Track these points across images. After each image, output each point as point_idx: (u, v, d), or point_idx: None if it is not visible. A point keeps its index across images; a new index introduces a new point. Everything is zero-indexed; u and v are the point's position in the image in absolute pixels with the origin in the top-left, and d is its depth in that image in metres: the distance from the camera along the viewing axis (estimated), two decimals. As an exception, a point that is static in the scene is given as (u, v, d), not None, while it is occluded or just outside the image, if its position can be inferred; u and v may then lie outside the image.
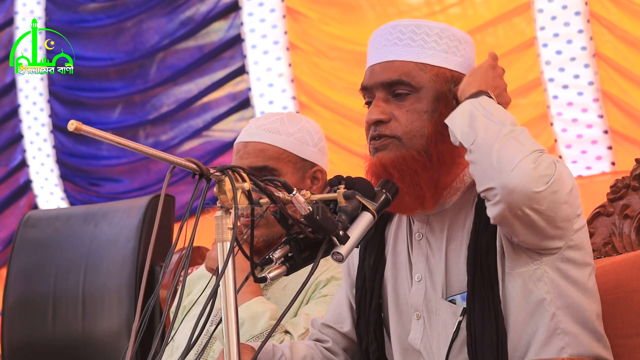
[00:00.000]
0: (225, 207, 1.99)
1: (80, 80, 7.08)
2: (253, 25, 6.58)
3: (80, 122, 1.79)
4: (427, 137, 2.30)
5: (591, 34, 5.62)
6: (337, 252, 2.10)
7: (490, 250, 2.25)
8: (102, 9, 7.07)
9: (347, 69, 6.21)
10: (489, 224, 2.23)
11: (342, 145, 6.15)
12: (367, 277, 2.46)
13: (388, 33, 2.37)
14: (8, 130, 7.34)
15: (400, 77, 2.31)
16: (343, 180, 2.16)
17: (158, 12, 6.87)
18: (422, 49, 2.33)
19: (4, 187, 7.33)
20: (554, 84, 5.72)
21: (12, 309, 3.96)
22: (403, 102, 2.32)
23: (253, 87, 6.58)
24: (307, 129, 2.93)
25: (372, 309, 2.44)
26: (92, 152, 7.13)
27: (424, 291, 2.36)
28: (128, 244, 3.69)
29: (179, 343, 2.97)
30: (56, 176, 7.20)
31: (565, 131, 5.70)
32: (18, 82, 7.27)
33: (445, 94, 2.32)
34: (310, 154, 2.91)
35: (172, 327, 2.09)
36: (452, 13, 6.01)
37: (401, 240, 2.45)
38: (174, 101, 6.85)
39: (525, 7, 5.79)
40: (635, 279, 2.39)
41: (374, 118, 2.32)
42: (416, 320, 2.38)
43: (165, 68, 6.88)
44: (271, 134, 2.89)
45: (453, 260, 2.33)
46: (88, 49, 7.08)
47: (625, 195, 2.62)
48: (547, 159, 2.12)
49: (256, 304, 2.77)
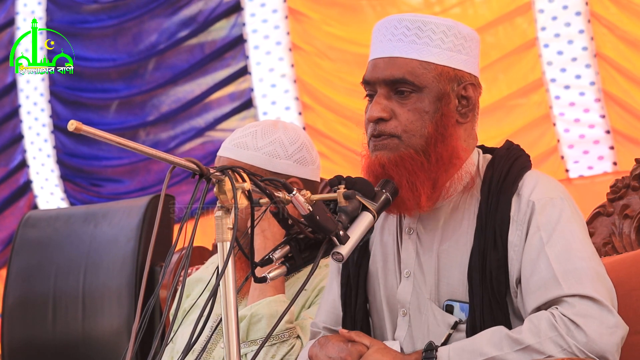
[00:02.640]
0: (225, 207, 1.99)
1: (81, 80, 7.08)
2: (255, 25, 6.57)
3: (81, 122, 1.79)
4: (426, 138, 2.28)
5: (592, 34, 5.62)
6: (337, 252, 2.10)
7: (500, 270, 2.23)
8: (104, 9, 7.06)
9: (348, 70, 6.20)
10: (495, 240, 2.23)
11: (344, 146, 6.14)
12: (351, 274, 2.44)
13: (393, 27, 2.34)
14: (8, 130, 7.33)
15: (404, 75, 2.30)
16: (343, 180, 2.16)
17: (160, 13, 6.87)
18: (427, 47, 2.31)
19: (4, 187, 7.33)
20: (555, 85, 5.71)
21: (12, 309, 3.95)
22: (405, 101, 2.30)
23: (255, 88, 6.57)
24: (280, 141, 2.89)
25: (357, 307, 2.42)
26: (93, 153, 7.12)
27: (412, 288, 2.35)
28: (128, 244, 3.69)
29: (179, 347, 2.96)
30: (56, 176, 7.20)
31: (567, 131, 5.70)
32: (19, 82, 7.26)
33: (448, 93, 2.31)
34: (282, 167, 2.87)
35: (171, 327, 2.09)
36: (452, 13, 6.00)
37: (388, 232, 2.43)
38: (176, 101, 6.85)
39: (526, 7, 5.79)
40: (634, 277, 2.39)
41: (376, 116, 2.30)
42: (402, 316, 2.36)
43: (166, 69, 6.87)
44: (239, 150, 2.87)
45: (445, 262, 2.31)
46: (89, 49, 7.07)
47: (625, 195, 2.61)
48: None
49: (278, 303, 2.77)
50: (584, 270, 2.17)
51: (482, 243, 2.25)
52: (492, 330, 2.18)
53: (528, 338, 2.12)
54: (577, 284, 2.16)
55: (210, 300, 1.96)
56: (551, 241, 2.21)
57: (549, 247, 2.20)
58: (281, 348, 2.72)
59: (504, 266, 2.24)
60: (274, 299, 2.77)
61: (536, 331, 2.13)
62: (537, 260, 2.20)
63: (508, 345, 2.13)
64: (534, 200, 2.25)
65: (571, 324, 2.11)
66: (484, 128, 5.56)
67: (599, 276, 2.18)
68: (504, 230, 2.25)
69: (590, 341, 2.10)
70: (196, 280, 3.06)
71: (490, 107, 5.73)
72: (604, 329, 2.12)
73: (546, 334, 2.12)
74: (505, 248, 2.24)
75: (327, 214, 2.09)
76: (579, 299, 2.14)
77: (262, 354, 2.72)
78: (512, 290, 2.24)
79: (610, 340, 2.11)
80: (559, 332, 2.11)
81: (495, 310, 2.23)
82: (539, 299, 2.18)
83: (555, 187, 2.30)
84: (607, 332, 2.12)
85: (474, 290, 2.25)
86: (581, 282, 2.16)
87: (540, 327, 2.12)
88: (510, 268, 2.24)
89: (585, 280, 2.16)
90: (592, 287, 2.15)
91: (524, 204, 2.26)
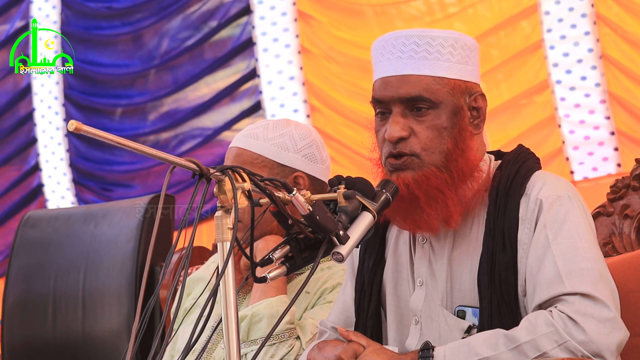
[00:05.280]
0: (225, 207, 1.98)
1: (95, 85, 7.11)
2: (264, 28, 6.59)
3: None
4: (446, 154, 2.27)
5: (597, 35, 5.62)
6: (337, 252, 2.10)
7: (509, 271, 2.23)
8: (117, 16, 7.09)
9: (355, 74, 6.21)
10: (504, 242, 2.23)
11: (351, 149, 6.15)
12: (365, 281, 2.44)
13: (402, 44, 2.32)
14: (23, 134, 7.36)
15: (420, 93, 2.28)
16: (343, 180, 2.16)
17: (172, 19, 6.89)
18: (438, 62, 2.30)
19: (17, 190, 7.36)
20: (561, 86, 5.72)
21: (12, 309, 3.95)
22: (423, 118, 2.28)
23: (264, 91, 6.59)
24: (290, 135, 2.90)
25: (369, 314, 2.42)
26: (105, 157, 7.14)
27: (424, 296, 2.35)
28: (128, 244, 3.69)
29: (180, 346, 2.96)
30: (68, 180, 7.22)
31: (572, 133, 5.70)
32: (33, 86, 7.29)
33: (462, 107, 2.30)
34: (290, 160, 2.88)
35: (172, 327, 2.08)
36: (457, 17, 6.00)
37: (403, 242, 2.43)
38: (187, 106, 6.87)
39: (532, 9, 5.79)
40: (633, 279, 2.38)
41: (397, 135, 2.28)
42: (414, 325, 2.36)
43: (178, 73, 6.90)
44: (248, 139, 2.89)
45: (457, 269, 2.31)
46: (104, 55, 7.11)
47: (625, 195, 2.61)
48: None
49: (279, 304, 2.77)
50: (588, 271, 2.16)
51: (490, 246, 2.25)
52: (490, 332, 2.17)
53: (523, 336, 2.11)
54: (580, 282, 2.15)
55: (210, 300, 1.96)
56: (557, 239, 2.20)
57: (555, 245, 2.20)
58: (280, 348, 2.72)
59: (513, 267, 2.23)
60: (275, 300, 2.77)
61: (532, 329, 2.12)
62: (542, 258, 2.20)
63: (503, 344, 2.12)
64: (541, 198, 2.25)
65: (569, 321, 2.10)
66: (490, 131, 5.56)
67: (602, 277, 2.17)
68: (513, 231, 2.25)
69: (588, 340, 2.09)
70: (197, 280, 3.06)
71: (496, 110, 5.74)
72: (603, 328, 2.10)
73: (542, 331, 2.11)
74: (515, 249, 2.24)
75: (327, 214, 2.08)
76: (580, 297, 2.14)
77: (262, 354, 2.72)
78: (520, 289, 2.24)
79: (608, 340, 2.10)
80: (555, 328, 2.10)
81: (504, 313, 2.23)
82: (541, 296, 2.17)
83: (563, 185, 2.30)
84: (606, 332, 2.10)
85: (482, 293, 2.25)
86: (584, 281, 2.15)
87: (537, 324, 2.12)
88: (519, 267, 2.24)
89: (588, 279, 2.15)
90: (594, 287, 2.14)
91: (532, 202, 2.26)
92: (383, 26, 5.98)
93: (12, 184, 7.34)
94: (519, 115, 5.85)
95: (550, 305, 2.16)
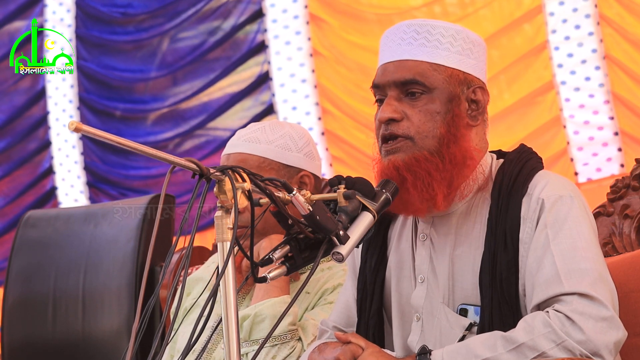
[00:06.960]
0: (225, 207, 1.98)
1: (110, 90, 7.12)
2: (277, 31, 6.60)
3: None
4: (439, 138, 2.28)
5: (601, 36, 5.62)
6: (337, 252, 2.10)
7: (510, 270, 2.23)
8: (132, 22, 7.10)
9: (365, 78, 6.21)
10: (506, 241, 2.23)
11: (362, 151, 6.15)
12: (367, 280, 2.44)
13: (402, 32, 2.34)
14: (37, 137, 7.37)
15: (414, 76, 2.29)
16: (343, 180, 2.16)
17: (186, 24, 6.90)
18: (437, 50, 2.31)
19: (31, 193, 7.37)
20: (565, 87, 5.72)
21: (12, 309, 3.96)
22: (416, 102, 2.30)
23: (277, 93, 6.60)
24: (289, 135, 2.90)
25: (371, 313, 2.42)
26: (121, 161, 7.15)
27: (426, 293, 2.35)
28: (128, 244, 3.69)
29: (180, 346, 2.96)
30: (82, 183, 7.23)
31: (577, 133, 5.70)
32: (47, 89, 7.30)
33: (458, 95, 2.31)
34: (294, 160, 2.89)
35: (172, 327, 2.08)
36: (462, 20, 6.00)
37: (405, 239, 2.43)
38: (201, 111, 6.88)
39: (536, 10, 5.79)
40: (633, 279, 2.38)
41: (387, 116, 2.30)
42: (416, 321, 2.36)
43: (193, 79, 6.91)
44: (251, 144, 2.88)
45: (459, 267, 2.31)
46: (118, 60, 7.12)
47: (625, 195, 2.61)
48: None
49: (282, 305, 2.76)
50: (587, 271, 2.16)
51: (492, 245, 2.25)
52: (488, 334, 2.17)
53: (521, 336, 2.11)
54: (578, 283, 2.15)
55: (210, 300, 1.95)
56: (557, 239, 2.20)
57: (554, 245, 2.20)
58: (282, 349, 2.72)
59: (514, 266, 2.23)
60: (278, 300, 2.77)
61: (530, 329, 2.11)
62: (542, 257, 2.20)
63: (502, 346, 2.12)
64: (543, 197, 2.25)
65: (566, 320, 2.10)
66: (496, 132, 5.57)
67: (601, 277, 2.17)
68: (515, 230, 2.25)
69: (586, 339, 2.09)
70: (197, 280, 3.06)
71: (502, 112, 5.74)
72: (600, 327, 2.10)
73: (540, 331, 2.10)
74: (516, 248, 2.24)
75: (327, 214, 2.08)
76: (578, 297, 2.13)
77: (263, 354, 2.72)
78: (521, 289, 2.23)
79: (605, 339, 2.10)
80: (552, 328, 2.10)
81: (505, 312, 2.22)
82: (540, 296, 2.17)
83: (566, 185, 2.29)
84: (603, 331, 2.10)
85: (483, 292, 2.25)
86: (582, 282, 2.15)
87: (534, 325, 2.11)
88: (520, 266, 2.23)
89: (587, 279, 2.15)
90: (592, 287, 2.14)
91: (534, 202, 2.26)
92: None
93: (26, 187, 7.35)
94: (525, 117, 5.85)
95: (548, 305, 2.16)
